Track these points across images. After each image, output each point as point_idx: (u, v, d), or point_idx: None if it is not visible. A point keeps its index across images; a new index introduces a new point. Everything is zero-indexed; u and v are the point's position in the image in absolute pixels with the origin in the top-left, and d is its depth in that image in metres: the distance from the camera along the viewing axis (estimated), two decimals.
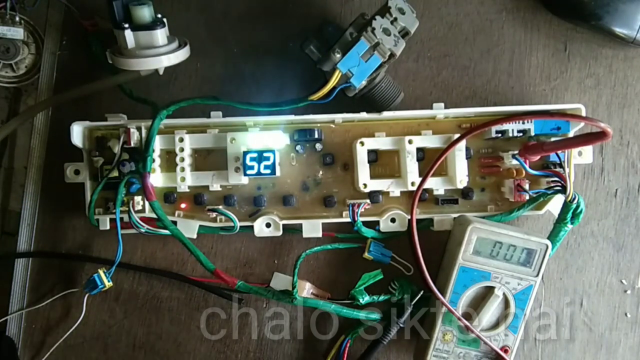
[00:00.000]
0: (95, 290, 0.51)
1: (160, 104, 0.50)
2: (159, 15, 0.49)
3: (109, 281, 0.51)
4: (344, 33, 0.48)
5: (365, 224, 0.53)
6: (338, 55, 0.46)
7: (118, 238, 0.51)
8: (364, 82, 0.48)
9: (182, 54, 0.50)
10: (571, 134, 0.52)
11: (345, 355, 0.55)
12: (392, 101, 0.52)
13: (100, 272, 0.51)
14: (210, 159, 0.53)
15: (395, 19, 0.47)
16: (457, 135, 0.51)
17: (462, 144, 0.51)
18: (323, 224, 0.53)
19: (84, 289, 0.52)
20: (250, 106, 0.51)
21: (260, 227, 0.53)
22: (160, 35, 0.48)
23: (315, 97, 0.48)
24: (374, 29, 0.46)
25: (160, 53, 0.48)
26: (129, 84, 0.53)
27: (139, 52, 0.48)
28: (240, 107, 0.51)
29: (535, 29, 0.56)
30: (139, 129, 0.51)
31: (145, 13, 0.47)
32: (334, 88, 0.47)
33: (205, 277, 0.55)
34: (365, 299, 0.53)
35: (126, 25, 0.47)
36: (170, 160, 0.52)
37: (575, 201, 0.50)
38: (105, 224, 0.52)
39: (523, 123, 0.51)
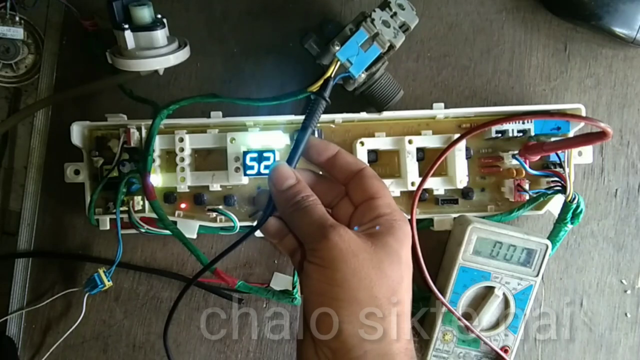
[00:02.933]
0: (96, 289, 0.51)
1: (160, 103, 0.50)
2: (159, 16, 0.48)
3: (109, 281, 0.51)
4: (343, 29, 0.48)
5: None
6: (337, 47, 0.46)
7: (118, 238, 0.51)
8: (363, 76, 0.47)
9: (182, 55, 0.50)
10: (571, 134, 0.52)
11: None
12: (391, 98, 0.52)
13: (100, 271, 0.51)
14: (210, 159, 0.53)
15: (395, 13, 0.47)
16: (457, 135, 0.51)
17: (462, 144, 0.51)
18: None
19: (84, 289, 0.52)
20: (250, 101, 0.50)
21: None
22: (161, 35, 0.48)
23: (313, 87, 0.47)
24: (373, 19, 0.46)
25: (160, 54, 0.48)
26: (129, 83, 0.53)
27: (139, 53, 0.48)
28: (240, 102, 0.50)
29: (535, 29, 0.56)
30: (139, 129, 0.51)
31: (145, 14, 0.47)
32: (332, 78, 0.47)
33: (205, 277, 0.55)
34: None
35: (126, 26, 0.47)
36: (170, 160, 0.52)
37: (575, 201, 0.50)
38: (105, 224, 0.52)
39: (523, 123, 0.51)
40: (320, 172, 0.41)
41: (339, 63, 0.46)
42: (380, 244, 0.34)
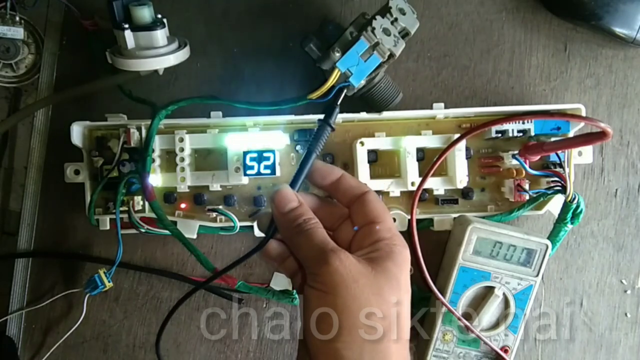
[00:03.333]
0: (96, 290, 0.51)
1: (159, 104, 0.50)
2: (159, 16, 0.48)
3: (109, 281, 0.51)
4: (344, 32, 0.48)
5: None
6: (337, 54, 0.46)
7: (118, 238, 0.51)
8: (362, 82, 0.48)
9: (182, 55, 0.50)
10: (571, 134, 0.52)
11: None
12: (390, 101, 0.52)
13: (101, 272, 0.51)
14: (210, 159, 0.53)
15: (396, 19, 0.47)
16: (457, 135, 0.50)
17: (462, 144, 0.51)
18: None
19: (85, 289, 0.52)
20: (249, 105, 0.51)
21: None
22: (160, 35, 0.48)
23: (314, 95, 0.48)
24: (374, 28, 0.46)
25: (160, 54, 0.48)
26: (129, 84, 0.53)
27: (139, 53, 0.48)
28: (239, 106, 0.51)
29: (535, 29, 0.56)
30: (139, 129, 0.51)
31: (145, 13, 0.47)
32: (332, 87, 0.47)
33: (205, 277, 0.55)
34: None
35: (126, 26, 0.47)
36: (170, 160, 0.52)
37: (575, 201, 0.50)
38: (105, 224, 0.52)
39: (523, 123, 0.51)
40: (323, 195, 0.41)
41: (339, 73, 0.46)
42: (380, 269, 0.35)
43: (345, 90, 0.46)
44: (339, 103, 0.45)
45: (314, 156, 0.40)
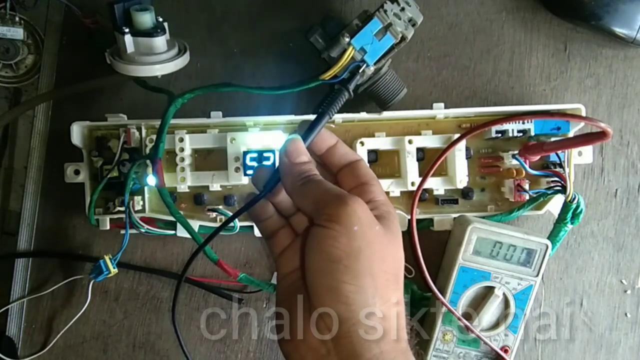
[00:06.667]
0: (101, 276, 0.50)
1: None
2: (160, 19, 0.48)
3: (114, 267, 0.51)
4: (349, 24, 0.48)
5: None
6: (347, 39, 0.46)
7: (126, 225, 0.50)
8: (372, 69, 0.47)
9: (181, 62, 0.49)
10: (571, 134, 0.52)
11: None
12: (395, 95, 0.51)
13: (106, 257, 0.50)
14: (210, 159, 0.53)
15: (403, 8, 0.48)
16: (457, 135, 0.51)
17: (462, 144, 0.51)
18: None
19: (90, 275, 0.51)
20: (263, 90, 0.50)
21: None
22: (161, 42, 0.47)
23: (326, 75, 0.47)
24: (385, 10, 0.46)
25: (159, 61, 0.47)
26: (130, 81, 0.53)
27: (138, 59, 0.47)
28: (252, 91, 0.49)
29: (535, 29, 0.56)
30: (139, 129, 0.51)
31: (146, 19, 0.47)
32: (345, 68, 0.47)
33: (205, 277, 0.55)
34: None
35: (126, 30, 0.46)
36: (170, 160, 0.52)
37: (575, 201, 0.50)
38: (105, 224, 0.52)
39: (523, 123, 0.51)
40: None
41: (353, 51, 0.46)
42: (384, 225, 0.34)
43: (364, 66, 0.46)
44: (360, 71, 0.45)
45: (326, 119, 0.40)
